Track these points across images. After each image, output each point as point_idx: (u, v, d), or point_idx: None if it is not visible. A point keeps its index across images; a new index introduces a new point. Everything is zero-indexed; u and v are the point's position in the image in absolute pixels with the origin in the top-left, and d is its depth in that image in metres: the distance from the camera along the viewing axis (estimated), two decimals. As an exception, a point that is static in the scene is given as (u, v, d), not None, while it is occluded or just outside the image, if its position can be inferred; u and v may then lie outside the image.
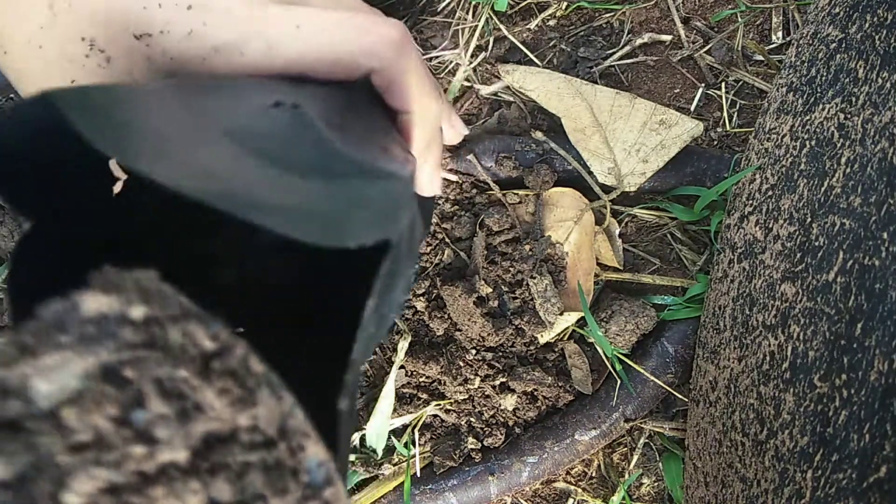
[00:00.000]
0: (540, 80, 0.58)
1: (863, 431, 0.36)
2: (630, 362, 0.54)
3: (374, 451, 0.57)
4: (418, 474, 0.55)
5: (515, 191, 0.57)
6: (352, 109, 0.23)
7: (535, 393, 0.55)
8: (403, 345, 0.56)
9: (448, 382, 0.54)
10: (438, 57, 0.63)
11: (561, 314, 0.54)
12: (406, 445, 0.56)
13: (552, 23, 0.62)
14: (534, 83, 0.58)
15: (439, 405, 0.56)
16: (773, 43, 0.58)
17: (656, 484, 0.55)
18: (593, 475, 0.57)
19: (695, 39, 0.59)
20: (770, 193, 0.49)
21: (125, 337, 0.12)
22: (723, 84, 0.58)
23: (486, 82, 0.61)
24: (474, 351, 0.55)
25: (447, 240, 0.57)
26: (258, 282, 0.28)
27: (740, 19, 0.59)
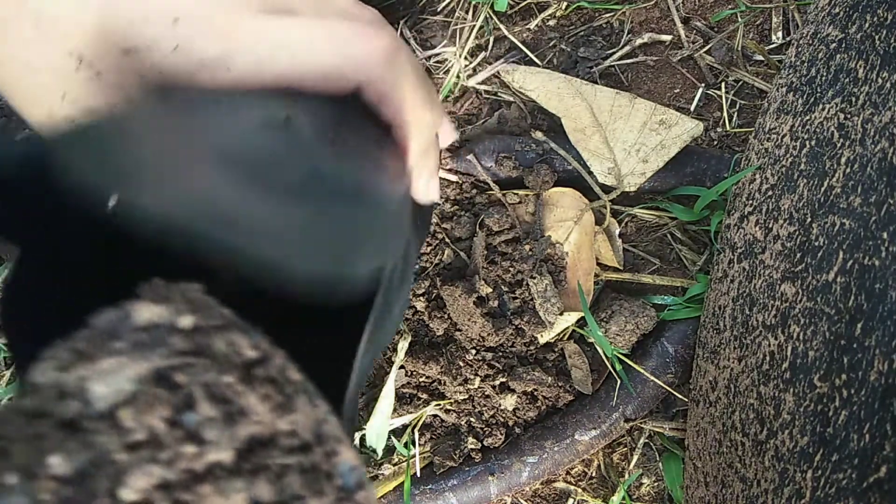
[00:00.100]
0: (540, 80, 0.58)
1: (863, 431, 0.36)
2: (630, 362, 0.54)
3: (374, 451, 0.57)
4: (418, 474, 0.55)
5: (515, 191, 0.57)
6: (345, 122, 0.22)
7: (535, 393, 0.55)
8: (403, 345, 0.56)
9: (448, 382, 0.54)
10: (437, 56, 0.63)
11: (561, 314, 0.54)
12: (406, 445, 0.56)
13: (552, 23, 0.62)
14: (534, 83, 0.58)
15: (439, 405, 0.56)
16: (773, 43, 0.58)
17: (656, 484, 0.55)
18: (593, 475, 0.57)
19: (695, 39, 0.59)
20: (770, 193, 0.49)
21: (175, 344, 0.13)
22: (723, 84, 0.58)
23: (483, 81, 0.61)
24: (474, 351, 0.55)
25: (447, 240, 0.57)
26: (255, 288, 0.28)
27: (740, 19, 0.59)
